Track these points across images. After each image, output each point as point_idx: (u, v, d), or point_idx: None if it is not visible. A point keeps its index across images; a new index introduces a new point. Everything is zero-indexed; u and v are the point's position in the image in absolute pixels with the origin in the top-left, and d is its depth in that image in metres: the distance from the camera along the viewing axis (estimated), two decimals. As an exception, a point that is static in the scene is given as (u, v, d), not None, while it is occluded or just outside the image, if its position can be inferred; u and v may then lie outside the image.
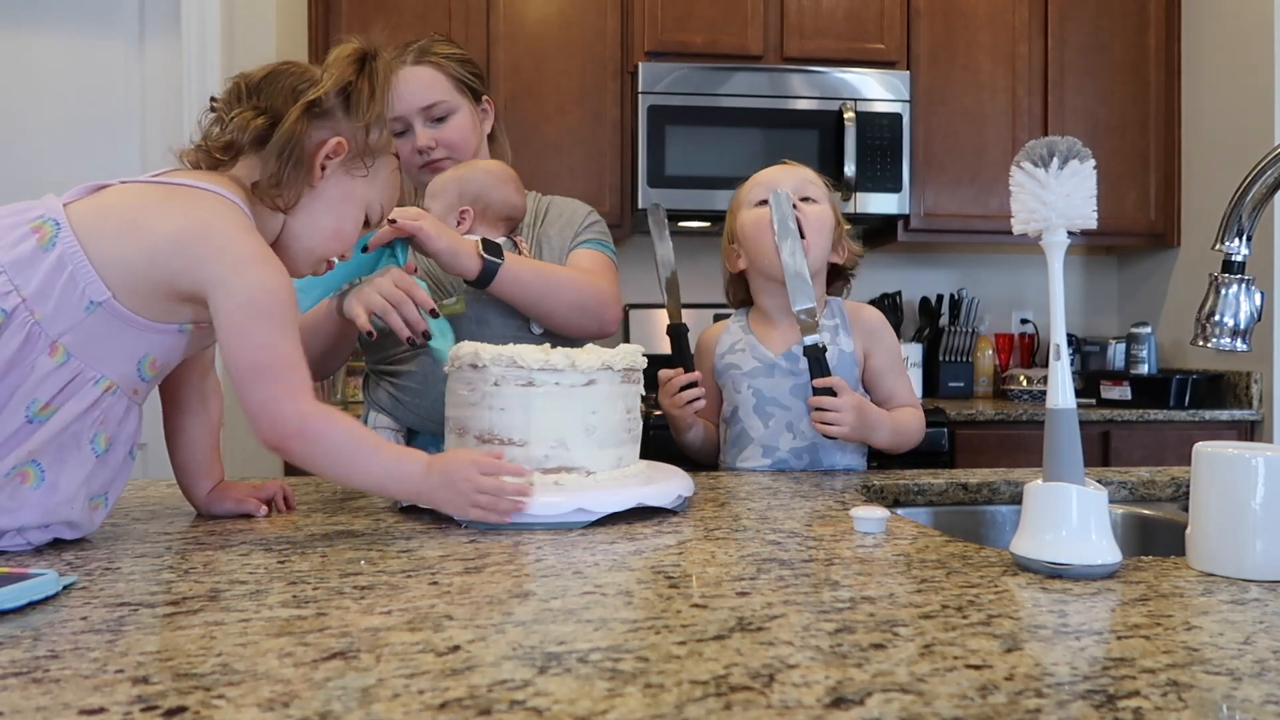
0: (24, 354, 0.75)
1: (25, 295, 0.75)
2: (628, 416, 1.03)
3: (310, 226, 0.93)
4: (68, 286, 0.76)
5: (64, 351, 0.77)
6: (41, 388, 0.76)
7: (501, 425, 0.97)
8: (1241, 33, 2.79)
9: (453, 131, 1.46)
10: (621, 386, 1.01)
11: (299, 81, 0.90)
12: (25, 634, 0.57)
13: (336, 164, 0.92)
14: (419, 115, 1.45)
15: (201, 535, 0.88)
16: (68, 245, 0.77)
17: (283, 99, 0.89)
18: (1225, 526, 0.73)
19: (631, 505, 0.95)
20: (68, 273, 0.76)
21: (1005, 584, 0.70)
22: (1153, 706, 0.46)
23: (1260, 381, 2.69)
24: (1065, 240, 0.76)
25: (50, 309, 0.76)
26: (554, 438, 0.97)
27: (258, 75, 0.91)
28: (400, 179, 1.05)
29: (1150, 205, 3.04)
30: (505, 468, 0.91)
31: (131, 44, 2.72)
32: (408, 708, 0.46)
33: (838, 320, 1.40)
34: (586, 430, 0.98)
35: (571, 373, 0.97)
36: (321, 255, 0.96)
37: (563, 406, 0.97)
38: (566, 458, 0.97)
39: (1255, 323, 1.00)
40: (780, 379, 1.37)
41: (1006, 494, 1.27)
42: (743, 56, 2.84)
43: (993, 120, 2.97)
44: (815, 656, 0.54)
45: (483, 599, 0.66)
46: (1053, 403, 0.76)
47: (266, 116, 0.88)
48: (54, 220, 0.78)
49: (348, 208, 0.94)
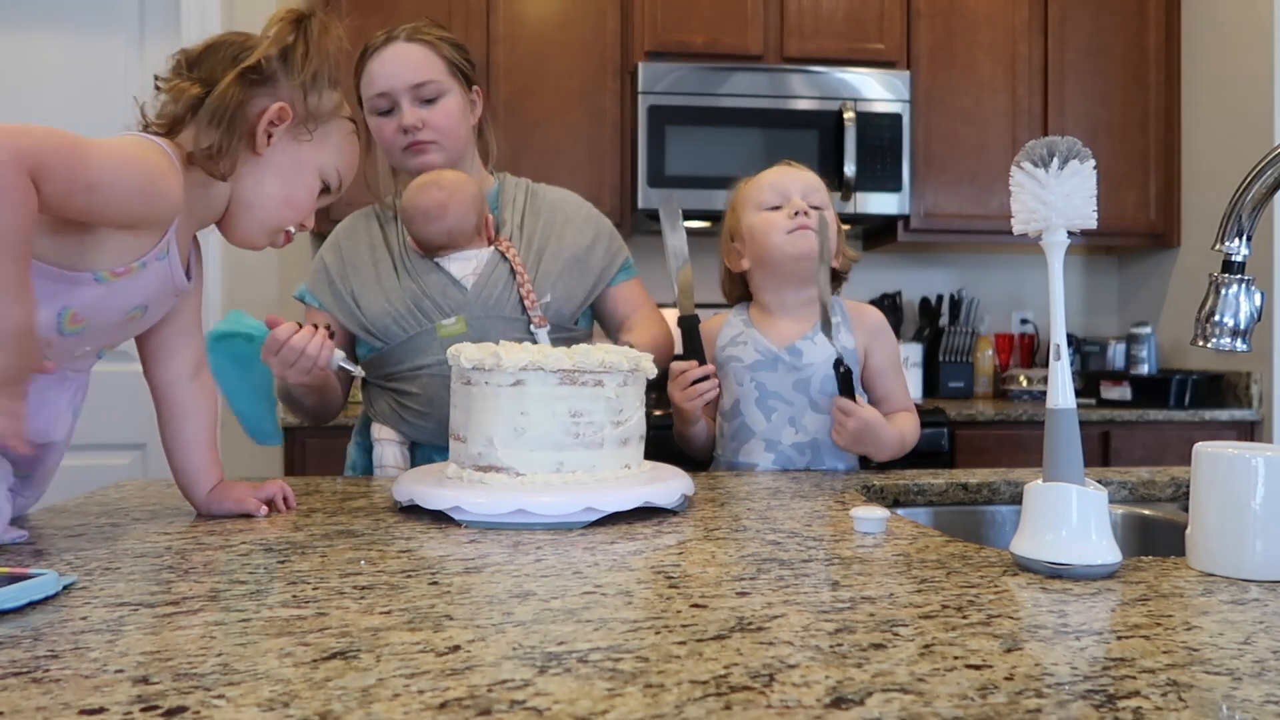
0: None
1: None
2: (571, 420, 0.98)
3: (259, 195, 0.92)
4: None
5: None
6: None
7: (454, 421, 1.03)
8: (1241, 33, 2.79)
9: (441, 115, 1.42)
10: (560, 389, 0.97)
11: (238, 51, 0.90)
12: (25, 634, 0.57)
13: (282, 131, 0.91)
14: (407, 93, 1.40)
15: (201, 535, 0.88)
16: None
17: (222, 68, 0.88)
18: (1225, 526, 0.73)
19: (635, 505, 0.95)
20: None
21: (1005, 584, 0.70)
22: (1153, 706, 0.46)
23: (1260, 381, 2.70)
24: (1065, 240, 0.76)
25: None
26: (484, 436, 0.98)
27: (199, 48, 0.91)
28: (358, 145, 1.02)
29: (1150, 205, 3.04)
30: None
31: (131, 44, 2.72)
32: (408, 708, 0.46)
33: (839, 318, 1.41)
34: (515, 431, 0.97)
35: (498, 372, 0.97)
36: (275, 225, 0.95)
37: (490, 406, 0.97)
38: (494, 457, 0.97)
39: (1255, 323, 1.00)
40: (784, 373, 1.37)
41: (1006, 494, 1.27)
42: (743, 56, 2.85)
43: (993, 120, 2.97)
44: (815, 656, 0.54)
45: (483, 599, 0.66)
46: (1053, 403, 0.76)
47: (202, 85, 0.87)
48: None
49: (298, 175, 0.94)
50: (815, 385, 1.36)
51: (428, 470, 1.07)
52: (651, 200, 2.72)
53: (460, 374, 1.01)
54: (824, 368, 1.35)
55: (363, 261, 1.45)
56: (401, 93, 1.40)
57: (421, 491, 0.96)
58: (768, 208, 1.40)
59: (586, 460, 0.98)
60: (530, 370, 0.96)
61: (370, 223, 1.51)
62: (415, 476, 1.02)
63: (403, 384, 1.40)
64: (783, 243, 1.37)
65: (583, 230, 1.50)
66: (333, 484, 1.20)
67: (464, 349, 1.01)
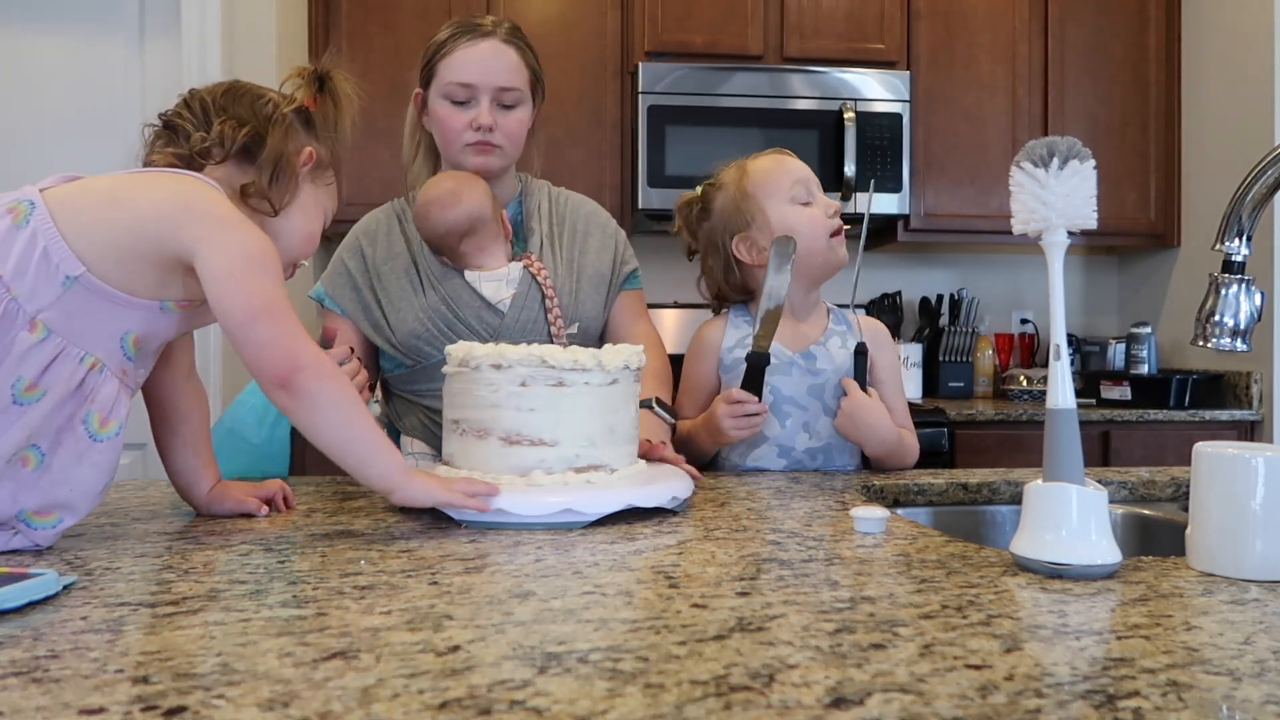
0: (3, 330, 0.76)
1: (1, 273, 0.76)
2: (633, 415, 1.05)
3: (287, 230, 0.98)
4: (42, 262, 0.78)
5: (43, 328, 0.78)
6: (24, 365, 0.77)
7: (530, 426, 0.96)
8: (1241, 33, 2.79)
9: (515, 123, 1.40)
10: (634, 385, 1.04)
11: (255, 99, 0.96)
12: (25, 634, 0.57)
13: (305, 173, 0.98)
14: (491, 92, 1.38)
15: (201, 535, 0.88)
16: (41, 222, 0.79)
17: (250, 113, 0.95)
18: (1225, 526, 0.73)
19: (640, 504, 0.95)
20: (40, 249, 0.78)
21: (1005, 584, 0.70)
22: (1153, 707, 0.46)
23: (1260, 381, 2.70)
24: (1065, 240, 0.76)
25: (27, 286, 0.77)
26: (584, 436, 0.97)
27: (218, 91, 0.96)
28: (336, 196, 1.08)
29: (1150, 205, 3.04)
30: (484, 488, 0.93)
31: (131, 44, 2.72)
32: (408, 708, 0.46)
33: (844, 327, 1.40)
34: (610, 429, 0.99)
35: (599, 372, 0.98)
36: (296, 258, 1.01)
37: (590, 405, 0.98)
38: (595, 456, 0.98)
39: (1255, 323, 1.00)
40: (799, 377, 1.35)
41: (1006, 494, 1.27)
42: (743, 56, 2.85)
43: (993, 120, 2.97)
44: (815, 656, 0.54)
45: (483, 599, 0.66)
46: (1053, 403, 0.76)
47: (248, 127, 0.93)
48: (29, 201, 0.80)
49: (315, 213, 1.01)
50: (829, 391, 1.34)
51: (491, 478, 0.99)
52: (652, 200, 2.71)
53: (548, 377, 0.96)
54: (838, 374, 1.34)
55: (390, 272, 1.41)
56: (486, 91, 1.38)
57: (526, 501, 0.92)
58: (800, 202, 1.36)
59: (632, 454, 1.05)
60: (623, 369, 1.00)
61: (392, 224, 1.46)
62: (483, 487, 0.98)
63: (436, 401, 1.34)
64: (826, 248, 1.34)
65: (604, 245, 1.48)
66: (333, 484, 1.20)
67: (545, 351, 0.97)
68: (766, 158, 1.42)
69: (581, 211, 1.51)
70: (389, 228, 1.45)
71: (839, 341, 1.36)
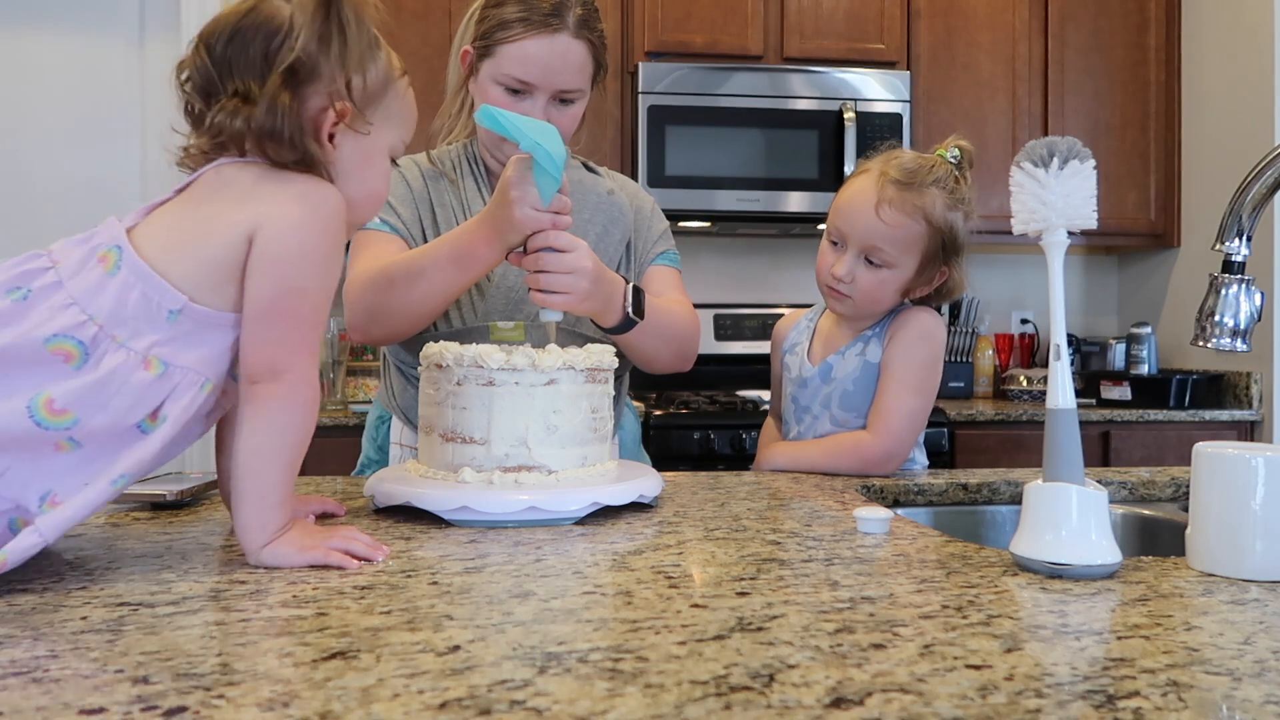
0: (118, 376, 0.74)
1: (101, 322, 0.74)
2: (593, 416, 1.01)
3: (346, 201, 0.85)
4: (141, 303, 0.75)
5: (159, 363, 0.76)
6: (143, 402, 0.75)
7: (463, 424, 0.98)
8: (1241, 33, 2.79)
9: (569, 119, 1.32)
10: (585, 386, 1.00)
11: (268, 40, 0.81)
12: (25, 634, 0.57)
13: (341, 130, 0.84)
14: (551, 91, 1.28)
15: (201, 535, 0.88)
16: (132, 264, 0.76)
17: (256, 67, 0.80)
18: (1225, 526, 0.73)
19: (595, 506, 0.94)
20: (138, 291, 0.75)
21: (1005, 584, 0.70)
22: (1153, 707, 0.46)
23: (1260, 381, 2.70)
24: (1065, 240, 0.76)
25: (129, 329, 0.75)
26: (514, 436, 0.97)
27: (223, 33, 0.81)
28: (413, 98, 0.92)
29: (1150, 205, 3.04)
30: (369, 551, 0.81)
31: (131, 44, 2.72)
32: (408, 708, 0.46)
33: (878, 329, 1.34)
34: (549, 429, 0.98)
35: (531, 372, 0.97)
36: (361, 222, 0.91)
37: (518, 406, 0.97)
38: (526, 456, 0.97)
39: (1255, 323, 1.00)
40: (814, 389, 1.37)
41: (1006, 494, 1.27)
42: (743, 56, 2.85)
43: (993, 120, 2.97)
44: (815, 656, 0.54)
45: (482, 599, 0.66)
46: (1053, 403, 0.76)
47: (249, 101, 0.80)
48: (116, 246, 0.77)
49: (370, 169, 0.87)
50: (836, 399, 1.34)
51: (405, 470, 1.04)
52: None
53: (478, 376, 0.97)
54: (847, 381, 1.34)
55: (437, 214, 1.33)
56: (546, 90, 1.29)
57: (433, 496, 0.93)
58: (830, 239, 1.33)
59: (599, 453, 1.03)
60: (562, 369, 0.98)
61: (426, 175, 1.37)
62: (400, 478, 1.00)
63: None
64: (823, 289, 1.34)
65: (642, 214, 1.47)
66: (333, 484, 1.20)
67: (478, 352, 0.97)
68: (854, 178, 1.38)
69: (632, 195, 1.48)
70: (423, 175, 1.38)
71: (859, 348, 1.33)
